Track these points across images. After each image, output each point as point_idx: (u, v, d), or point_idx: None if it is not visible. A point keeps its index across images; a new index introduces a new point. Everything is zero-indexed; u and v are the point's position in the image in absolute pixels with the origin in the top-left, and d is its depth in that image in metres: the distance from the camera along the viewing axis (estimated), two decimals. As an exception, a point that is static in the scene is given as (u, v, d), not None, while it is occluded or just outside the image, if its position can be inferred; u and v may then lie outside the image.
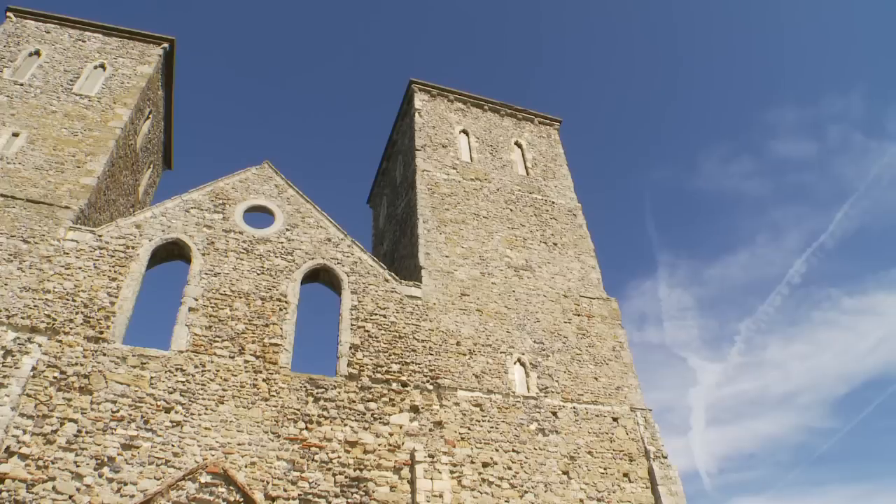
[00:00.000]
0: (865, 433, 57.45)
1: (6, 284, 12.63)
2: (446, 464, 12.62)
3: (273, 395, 12.63)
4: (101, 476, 10.67)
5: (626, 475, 14.10)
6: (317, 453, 12.13)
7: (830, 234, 60.47)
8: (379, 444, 12.66)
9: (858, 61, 67.93)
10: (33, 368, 11.57)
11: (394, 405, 13.39)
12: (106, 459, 10.84)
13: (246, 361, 12.94)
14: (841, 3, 65.92)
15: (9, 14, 19.43)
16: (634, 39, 71.93)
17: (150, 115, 20.16)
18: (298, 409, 12.62)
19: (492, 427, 13.83)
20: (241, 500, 11.05)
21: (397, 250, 20.06)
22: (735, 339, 61.08)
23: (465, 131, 21.54)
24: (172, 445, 11.35)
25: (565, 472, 13.66)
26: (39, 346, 11.92)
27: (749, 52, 71.07)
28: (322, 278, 15.69)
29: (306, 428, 12.42)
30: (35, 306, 12.46)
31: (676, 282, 65.70)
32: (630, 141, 68.17)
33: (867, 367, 59.69)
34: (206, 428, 11.76)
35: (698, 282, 65.15)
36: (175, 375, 12.24)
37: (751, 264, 65.99)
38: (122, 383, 11.85)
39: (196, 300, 13.56)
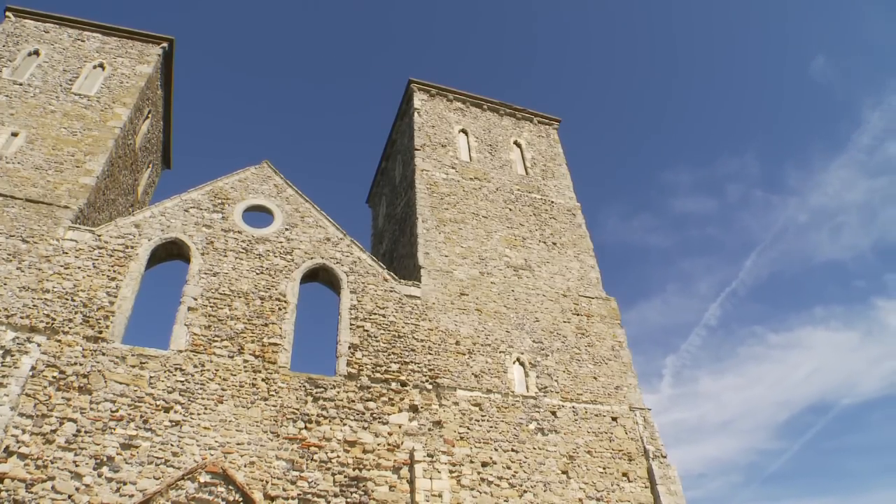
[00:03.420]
0: (815, 452, 58.93)
1: (5, 284, 12.62)
2: (445, 463, 12.62)
3: (272, 395, 12.63)
4: (100, 476, 10.67)
5: (625, 475, 14.11)
6: (316, 453, 12.13)
7: (741, 282, 63.07)
8: (378, 444, 12.66)
9: (749, 124, 70.28)
10: (32, 368, 11.57)
11: (393, 405, 13.39)
12: (105, 459, 10.84)
13: (245, 361, 12.94)
14: (729, 69, 68.19)
15: (8, 14, 19.41)
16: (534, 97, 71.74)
17: (150, 115, 20.15)
18: (297, 409, 12.62)
19: (491, 427, 13.83)
20: (241, 499, 11.05)
21: (396, 250, 20.06)
22: (663, 372, 62.85)
23: (464, 131, 21.54)
24: (172, 445, 11.35)
25: (564, 472, 13.66)
26: (38, 345, 11.92)
27: (639, 117, 72.64)
28: (321, 278, 15.68)
29: (305, 427, 12.42)
30: (34, 306, 12.46)
31: (595, 324, 67.34)
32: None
33: (805, 394, 61.69)
34: (205, 427, 11.76)
35: (618, 323, 66.31)
36: (174, 375, 12.24)
37: (665, 310, 68.06)
38: (121, 383, 11.85)
39: (195, 300, 13.56)
